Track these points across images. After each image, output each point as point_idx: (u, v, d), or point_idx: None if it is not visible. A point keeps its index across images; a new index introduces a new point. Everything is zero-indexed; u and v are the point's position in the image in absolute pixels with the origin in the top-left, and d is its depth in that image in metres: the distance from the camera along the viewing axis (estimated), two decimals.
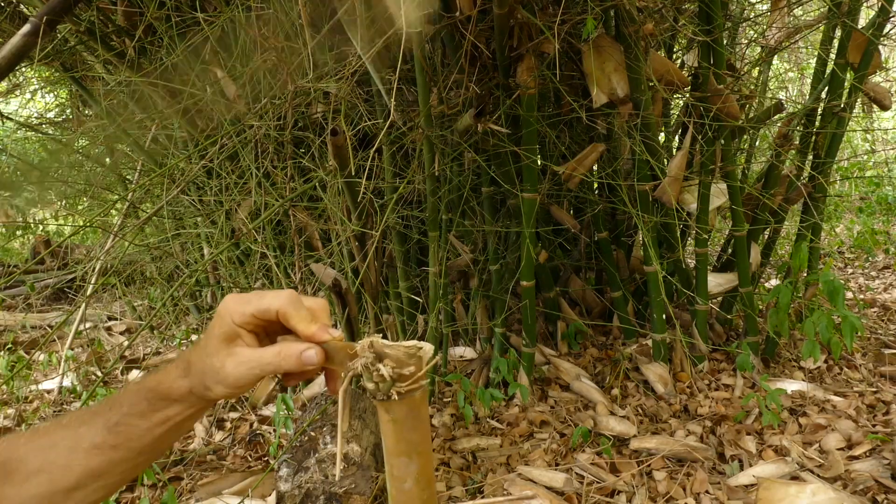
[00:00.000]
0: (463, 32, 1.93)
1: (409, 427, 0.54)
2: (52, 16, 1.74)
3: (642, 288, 2.62)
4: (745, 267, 2.31)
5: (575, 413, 2.11)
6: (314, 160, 2.19)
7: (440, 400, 2.24)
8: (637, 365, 2.30)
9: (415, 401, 0.53)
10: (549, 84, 2.09)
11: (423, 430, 0.54)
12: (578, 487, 1.73)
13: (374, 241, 1.88)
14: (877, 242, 4.14)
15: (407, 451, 0.54)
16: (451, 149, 2.12)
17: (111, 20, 2.44)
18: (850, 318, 1.98)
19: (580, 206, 2.64)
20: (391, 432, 0.54)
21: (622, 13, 1.97)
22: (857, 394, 2.14)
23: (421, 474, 0.54)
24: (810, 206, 2.35)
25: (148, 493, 1.86)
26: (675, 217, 2.25)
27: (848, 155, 5.51)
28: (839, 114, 2.26)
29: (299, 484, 1.64)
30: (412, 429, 0.54)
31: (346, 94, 1.96)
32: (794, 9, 2.53)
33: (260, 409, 2.37)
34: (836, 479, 1.70)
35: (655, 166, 2.16)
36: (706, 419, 2.02)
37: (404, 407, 0.53)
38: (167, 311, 3.57)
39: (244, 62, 2.27)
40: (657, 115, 2.17)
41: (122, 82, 2.61)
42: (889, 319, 2.84)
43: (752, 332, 2.33)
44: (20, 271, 3.16)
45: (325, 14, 2.11)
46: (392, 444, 0.55)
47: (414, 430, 0.54)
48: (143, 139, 2.95)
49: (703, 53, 2.13)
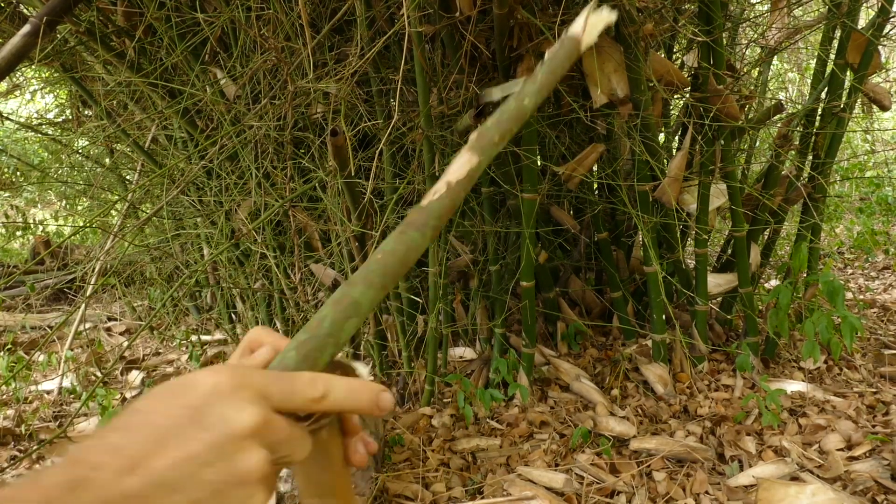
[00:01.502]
0: (463, 32, 1.93)
1: (321, 467, 0.48)
2: (52, 16, 1.74)
3: (642, 288, 2.62)
4: (745, 267, 2.31)
5: (575, 413, 2.11)
6: (314, 160, 2.19)
7: (440, 400, 2.24)
8: (637, 365, 2.29)
9: (321, 438, 0.47)
10: None
11: (335, 469, 0.49)
12: (578, 488, 1.73)
13: (374, 242, 1.88)
14: (877, 243, 4.14)
15: (321, 493, 0.49)
16: (451, 149, 2.12)
17: (111, 20, 2.44)
18: (849, 319, 1.98)
19: (580, 206, 2.64)
20: (300, 473, 0.50)
21: (622, 13, 1.97)
22: (857, 394, 2.14)
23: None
24: (810, 207, 2.35)
25: None
26: (675, 217, 2.25)
27: (848, 155, 5.51)
28: (839, 114, 2.26)
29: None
30: (324, 468, 0.49)
31: (346, 95, 1.96)
32: (794, 9, 2.53)
33: None
34: (835, 479, 1.70)
35: (655, 167, 2.16)
36: (706, 420, 2.02)
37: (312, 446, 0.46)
38: (167, 311, 3.58)
39: (244, 62, 2.27)
40: (657, 116, 2.17)
41: (122, 82, 2.61)
42: (889, 320, 2.84)
43: (752, 333, 2.33)
44: (20, 272, 3.16)
45: (325, 14, 2.11)
46: (304, 485, 0.50)
47: (325, 471, 0.49)
48: (143, 139, 2.95)
49: (702, 54, 2.13)
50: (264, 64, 2.14)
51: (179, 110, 2.43)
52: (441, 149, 2.05)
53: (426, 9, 1.94)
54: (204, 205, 2.73)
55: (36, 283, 3.67)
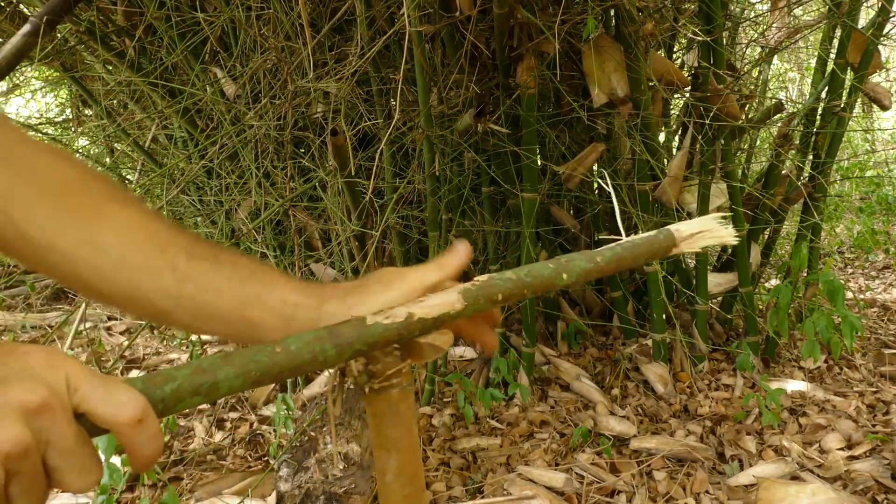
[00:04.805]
0: (463, 32, 1.93)
1: (388, 423, 0.54)
2: (52, 16, 1.74)
3: (642, 288, 2.62)
4: (745, 267, 2.32)
5: (575, 413, 2.11)
6: (314, 160, 2.19)
7: (440, 400, 2.24)
8: (637, 365, 2.30)
9: (392, 397, 0.53)
10: (549, 84, 2.09)
11: (403, 428, 0.54)
12: (578, 487, 1.73)
13: (374, 241, 1.88)
14: (877, 242, 4.14)
15: (386, 446, 0.54)
16: (451, 149, 2.12)
17: (111, 20, 2.44)
18: (850, 318, 1.98)
19: (580, 206, 2.64)
20: (372, 426, 0.55)
21: (622, 13, 1.97)
22: (857, 394, 2.14)
23: (401, 470, 0.55)
24: (810, 206, 2.35)
25: (148, 494, 1.86)
26: (675, 217, 2.25)
27: (848, 155, 5.51)
28: (839, 113, 2.26)
29: (299, 484, 1.64)
30: (391, 425, 0.54)
31: (346, 94, 1.97)
32: (794, 9, 2.53)
33: (260, 409, 2.37)
34: (836, 479, 1.70)
35: (655, 166, 2.16)
36: (706, 419, 2.02)
37: (382, 403, 0.53)
38: None
39: (244, 62, 2.27)
40: (657, 115, 2.17)
41: (123, 82, 2.61)
42: (889, 319, 2.84)
43: (752, 332, 2.33)
44: (20, 271, 3.16)
45: (325, 14, 2.11)
46: (373, 437, 0.55)
47: (392, 427, 0.54)
48: (143, 139, 2.95)
49: (703, 53, 2.13)
50: (264, 63, 2.14)
51: (179, 110, 2.43)
52: (441, 148, 2.05)
53: (426, 8, 1.94)
54: (204, 204, 2.73)
55: (36, 282, 3.68)
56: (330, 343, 0.47)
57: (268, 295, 0.53)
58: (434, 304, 0.51)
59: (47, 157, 0.52)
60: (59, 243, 0.50)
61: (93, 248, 0.50)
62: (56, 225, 0.50)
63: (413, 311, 0.50)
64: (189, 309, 0.52)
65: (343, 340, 0.48)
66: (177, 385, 0.42)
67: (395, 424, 0.54)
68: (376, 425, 0.55)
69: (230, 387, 0.43)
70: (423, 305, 0.51)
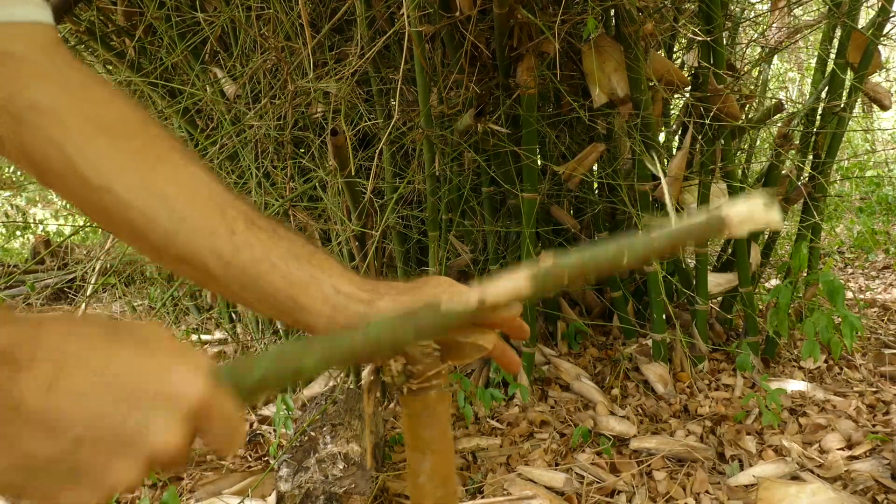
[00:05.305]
0: (463, 32, 1.93)
1: (424, 424, 0.54)
2: (52, 16, 1.73)
3: (642, 288, 2.62)
4: (745, 267, 2.31)
5: (575, 413, 2.11)
6: (314, 160, 2.19)
7: None
8: (637, 365, 2.30)
9: (429, 398, 0.53)
10: (549, 84, 2.09)
11: (439, 429, 0.55)
12: (578, 487, 1.73)
13: (374, 241, 1.88)
14: (877, 242, 4.14)
15: (420, 448, 0.55)
16: (451, 149, 2.12)
17: (111, 20, 2.44)
18: (849, 318, 1.98)
19: (580, 206, 2.64)
20: (407, 427, 0.56)
21: (622, 13, 1.97)
22: (857, 394, 2.14)
23: (435, 472, 0.55)
24: (810, 206, 2.35)
25: (148, 493, 1.86)
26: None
27: (848, 155, 5.51)
28: (839, 113, 2.26)
29: (299, 484, 1.64)
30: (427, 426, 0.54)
31: (346, 94, 1.97)
32: (794, 9, 2.53)
33: (260, 409, 2.37)
34: (836, 479, 1.70)
35: (654, 167, 2.16)
36: (706, 419, 2.02)
37: (419, 404, 0.54)
38: (167, 311, 3.57)
39: (244, 62, 2.27)
40: (657, 115, 2.17)
41: (123, 82, 2.61)
42: (889, 319, 2.84)
43: (752, 332, 2.33)
44: (20, 271, 3.16)
45: (325, 14, 2.11)
46: (408, 438, 0.56)
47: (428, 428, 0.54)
48: None
49: (703, 53, 2.13)
50: (264, 63, 2.14)
51: (179, 110, 2.43)
52: (441, 148, 2.05)
53: (426, 8, 1.94)
54: None
55: (36, 282, 3.68)
56: (411, 326, 0.48)
57: (322, 280, 0.52)
58: (503, 288, 0.51)
59: (102, 90, 0.49)
60: (115, 185, 0.46)
61: (150, 195, 0.47)
62: (113, 165, 0.46)
63: (484, 296, 0.50)
64: (238, 278, 0.50)
65: (423, 323, 0.48)
66: (262, 373, 0.43)
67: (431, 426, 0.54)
68: (411, 426, 0.55)
69: (311, 372, 0.45)
70: (492, 290, 0.51)
